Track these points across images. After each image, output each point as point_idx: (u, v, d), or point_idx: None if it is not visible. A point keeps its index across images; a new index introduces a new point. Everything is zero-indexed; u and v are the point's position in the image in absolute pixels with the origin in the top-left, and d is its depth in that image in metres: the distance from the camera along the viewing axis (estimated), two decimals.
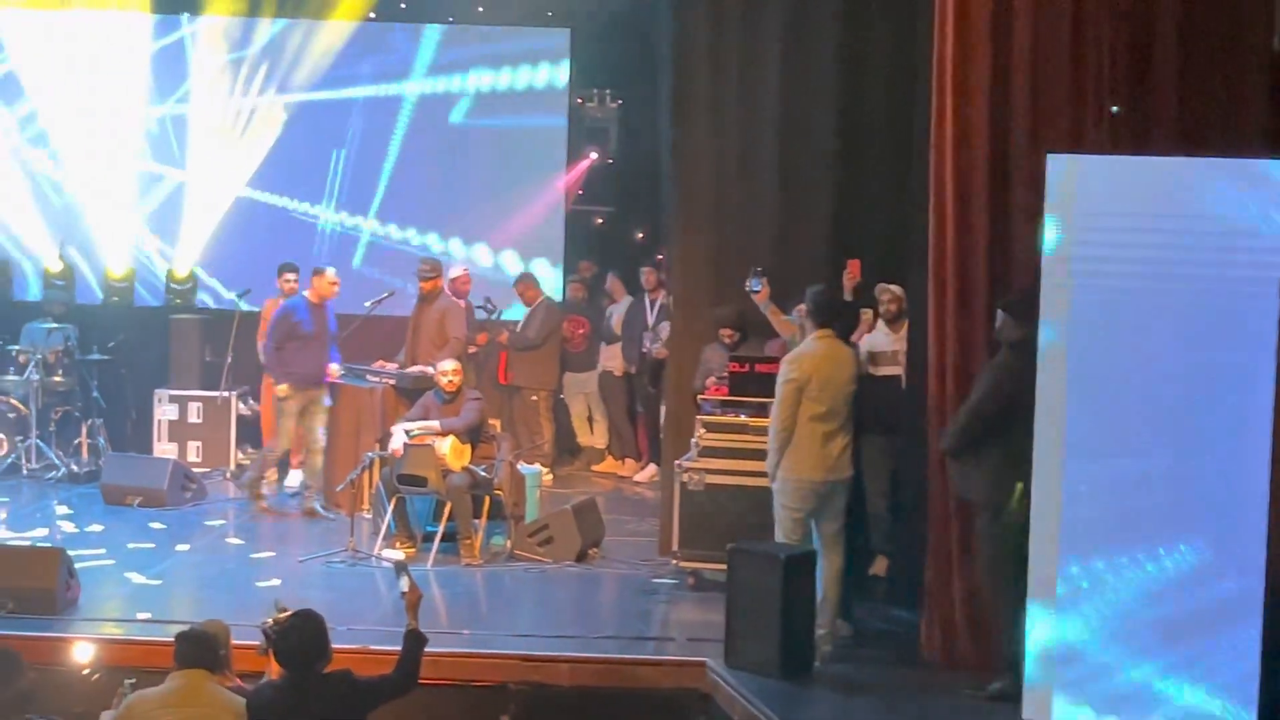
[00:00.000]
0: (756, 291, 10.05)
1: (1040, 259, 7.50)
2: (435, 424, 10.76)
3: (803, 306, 9.11)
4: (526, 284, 13.87)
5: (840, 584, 8.79)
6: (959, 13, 8.39)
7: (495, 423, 11.58)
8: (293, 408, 11.95)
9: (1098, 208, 7.40)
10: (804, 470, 8.63)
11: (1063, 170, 7.46)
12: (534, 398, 13.59)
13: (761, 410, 9.60)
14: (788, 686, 8.12)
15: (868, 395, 9.01)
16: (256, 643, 6.91)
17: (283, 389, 11.93)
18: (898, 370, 9.95)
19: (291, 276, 13.23)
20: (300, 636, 6.37)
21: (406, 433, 10.70)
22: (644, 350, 13.77)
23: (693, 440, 10.10)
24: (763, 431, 9.40)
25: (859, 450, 8.89)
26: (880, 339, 10.21)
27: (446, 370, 10.99)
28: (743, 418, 9.87)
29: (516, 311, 14.07)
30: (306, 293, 12.23)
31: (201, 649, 6.42)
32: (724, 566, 8.79)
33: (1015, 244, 8.31)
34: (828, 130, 10.72)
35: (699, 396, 10.35)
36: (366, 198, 15.51)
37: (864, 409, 8.90)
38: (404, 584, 6.87)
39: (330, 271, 12.25)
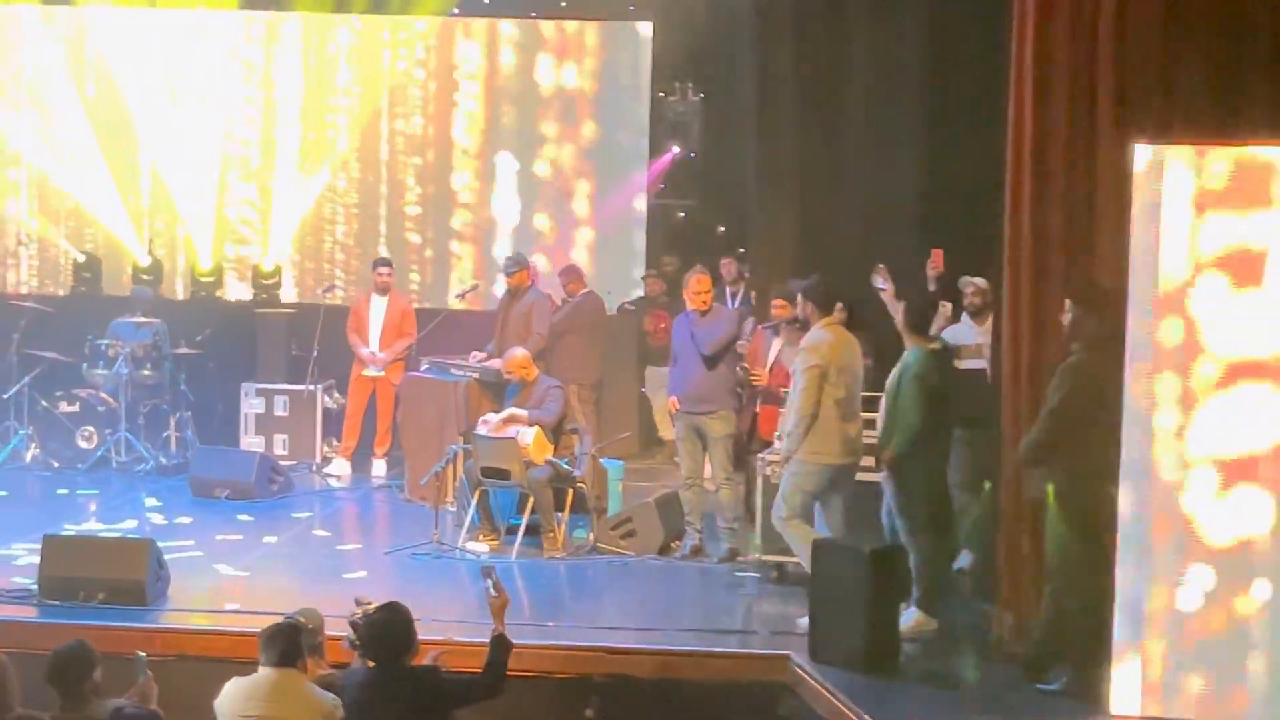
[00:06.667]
0: (884, 289, 10.03)
1: (1127, 253, 7.40)
2: (523, 412, 10.80)
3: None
4: (570, 276, 13.77)
5: None
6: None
7: (579, 416, 11.57)
8: (677, 429, 10.88)
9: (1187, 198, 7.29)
10: (826, 455, 8.90)
11: (1150, 160, 7.35)
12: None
13: None
14: (873, 681, 8.07)
15: (952, 389, 8.96)
16: (343, 635, 6.99)
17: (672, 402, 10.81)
18: (982, 363, 9.88)
19: (385, 270, 13.35)
20: (387, 629, 6.41)
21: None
22: None
23: (776, 434, 10.07)
24: None
25: (949, 445, 8.87)
26: (964, 332, 10.14)
27: (515, 359, 11.07)
28: None
29: None
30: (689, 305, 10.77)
31: (288, 645, 6.43)
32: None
33: (1098, 237, 8.21)
34: (915, 119, 10.66)
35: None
36: (444, 193, 15.65)
37: (949, 403, 8.85)
38: (490, 588, 6.88)
39: (694, 280, 10.68)
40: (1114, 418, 7.41)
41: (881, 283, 10.10)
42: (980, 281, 10.11)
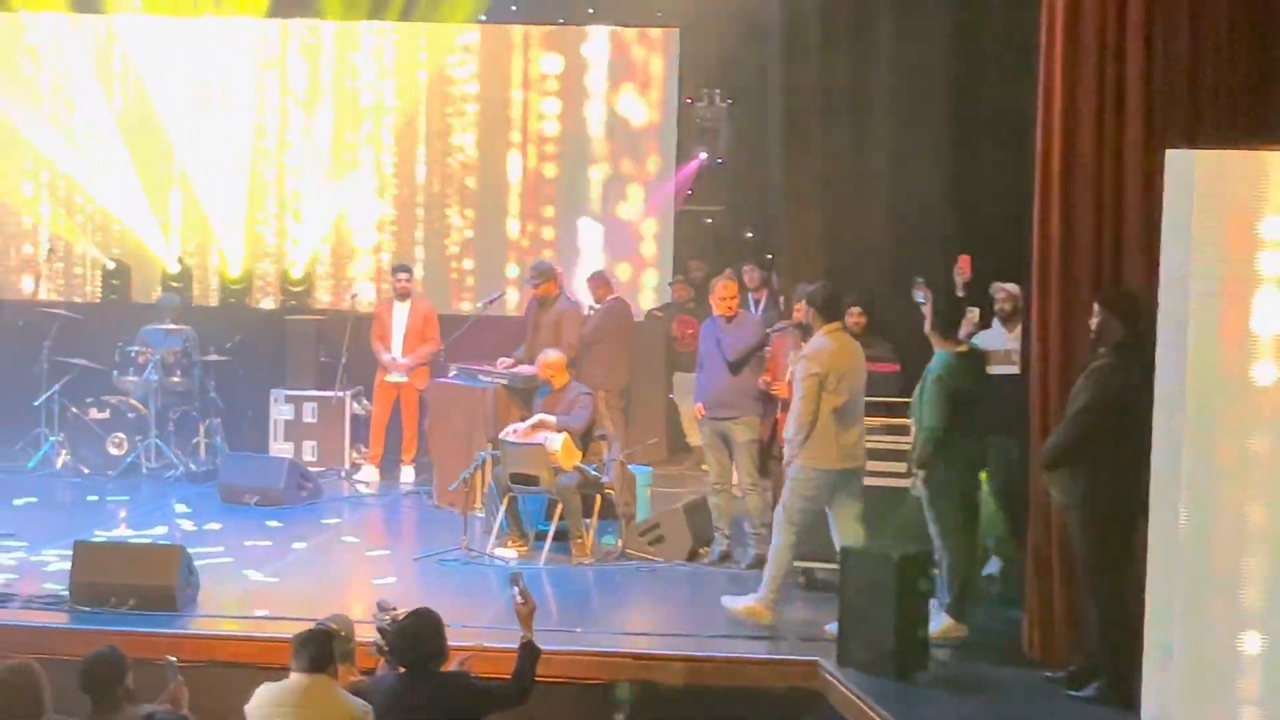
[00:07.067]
0: (924, 304, 10.02)
1: (1158, 259, 7.37)
2: (551, 419, 10.82)
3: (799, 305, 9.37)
4: (597, 282, 13.75)
5: None
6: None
7: (607, 423, 11.58)
8: (703, 435, 10.98)
9: (1222, 204, 7.22)
10: (822, 461, 8.91)
11: (1183, 166, 7.29)
12: None
13: (874, 410, 9.61)
14: (901, 686, 8.08)
15: (981, 394, 8.95)
16: (372, 640, 7.01)
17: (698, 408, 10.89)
18: (1012, 369, 9.86)
19: (404, 276, 13.41)
20: (418, 635, 6.42)
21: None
22: None
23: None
24: (876, 432, 9.52)
25: (979, 450, 8.88)
26: (994, 337, 10.13)
27: (550, 360, 11.08)
28: None
29: None
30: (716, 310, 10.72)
31: (319, 651, 6.44)
32: (835, 566, 8.80)
33: (1126, 243, 8.18)
34: (941, 125, 10.65)
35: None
36: (487, 199, 15.71)
37: (976, 407, 8.85)
38: (517, 595, 6.90)
39: (720, 286, 10.69)
40: (1140, 423, 7.36)
41: (921, 297, 10.09)
42: (1011, 287, 10.09)
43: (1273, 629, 6.61)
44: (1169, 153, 7.33)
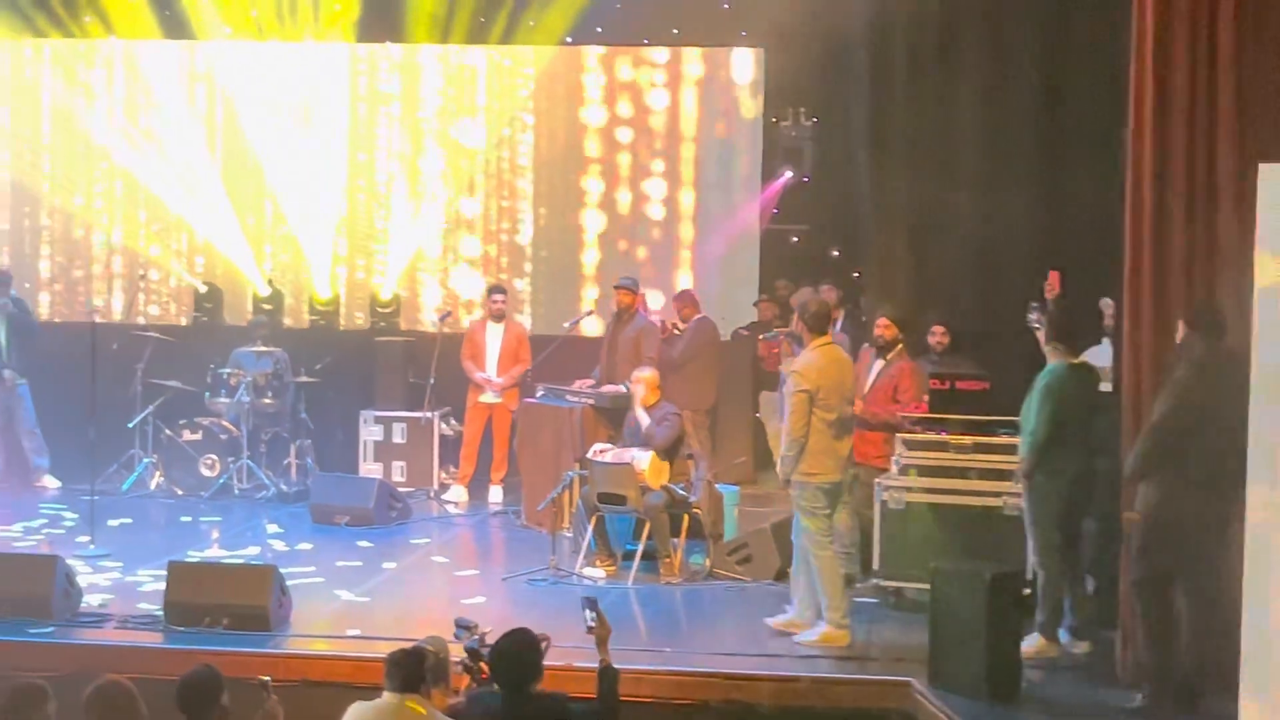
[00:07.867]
0: (1038, 329, 9.97)
1: (1252, 275, 7.27)
2: (645, 417, 10.85)
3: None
4: (684, 301, 13.73)
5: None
6: (1158, 13, 8.20)
7: (694, 442, 11.57)
8: None
9: None
10: (824, 473, 9.01)
11: (1277, 180, 7.19)
12: None
13: (963, 428, 9.56)
14: (994, 708, 8.01)
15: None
16: (459, 660, 7.03)
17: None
18: (1109, 387, 9.77)
19: (500, 298, 13.47)
20: (516, 655, 6.44)
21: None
22: None
23: (894, 458, 10.03)
24: (965, 450, 9.45)
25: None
26: (1103, 354, 10.01)
27: (646, 377, 11.11)
28: (944, 435, 9.78)
29: None
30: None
31: (411, 671, 6.47)
32: (926, 585, 8.74)
33: (1220, 259, 8.09)
34: (1029, 143, 10.58)
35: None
36: (557, 218, 15.76)
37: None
38: (591, 619, 6.89)
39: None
40: (1216, 439, 7.27)
41: (1036, 321, 10.03)
42: None
43: None
44: (1262, 166, 7.24)
